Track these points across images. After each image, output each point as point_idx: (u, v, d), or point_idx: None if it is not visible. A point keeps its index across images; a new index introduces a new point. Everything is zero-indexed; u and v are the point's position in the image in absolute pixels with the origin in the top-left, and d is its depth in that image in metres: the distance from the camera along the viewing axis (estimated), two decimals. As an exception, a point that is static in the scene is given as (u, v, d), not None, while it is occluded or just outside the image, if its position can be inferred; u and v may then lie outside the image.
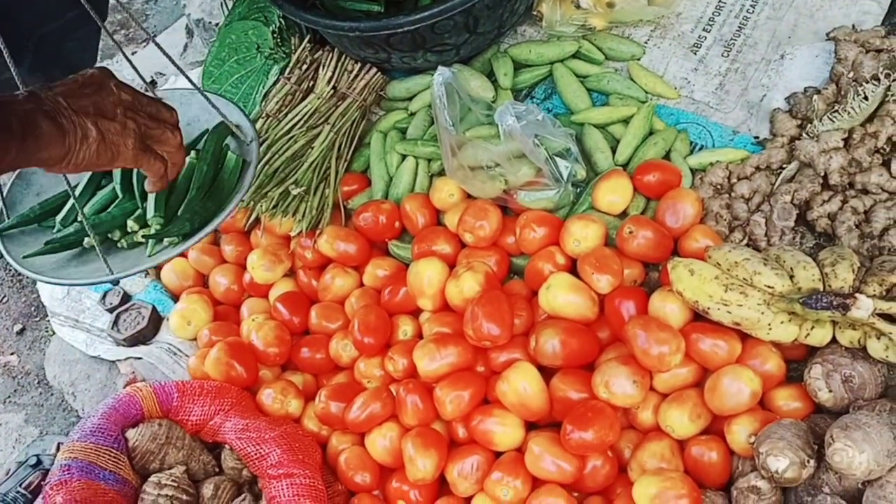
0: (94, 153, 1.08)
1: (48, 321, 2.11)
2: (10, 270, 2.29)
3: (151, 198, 1.35)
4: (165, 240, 1.32)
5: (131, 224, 1.36)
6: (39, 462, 1.82)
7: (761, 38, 1.82)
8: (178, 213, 1.35)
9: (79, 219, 1.33)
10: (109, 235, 1.38)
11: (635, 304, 1.47)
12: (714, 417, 1.40)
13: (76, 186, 1.41)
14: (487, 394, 1.52)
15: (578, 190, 1.67)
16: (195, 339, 1.79)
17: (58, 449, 1.79)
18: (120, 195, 1.43)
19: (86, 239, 1.34)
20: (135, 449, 1.51)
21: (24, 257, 1.32)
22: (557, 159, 1.58)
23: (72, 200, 1.36)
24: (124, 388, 1.66)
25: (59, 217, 1.40)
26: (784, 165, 1.62)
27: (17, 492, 1.71)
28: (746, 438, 1.32)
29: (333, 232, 1.76)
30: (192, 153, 1.43)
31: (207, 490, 1.51)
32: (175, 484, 1.47)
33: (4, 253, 1.35)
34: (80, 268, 1.33)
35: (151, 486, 1.47)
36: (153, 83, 2.67)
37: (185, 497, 1.47)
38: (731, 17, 1.87)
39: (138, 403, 1.55)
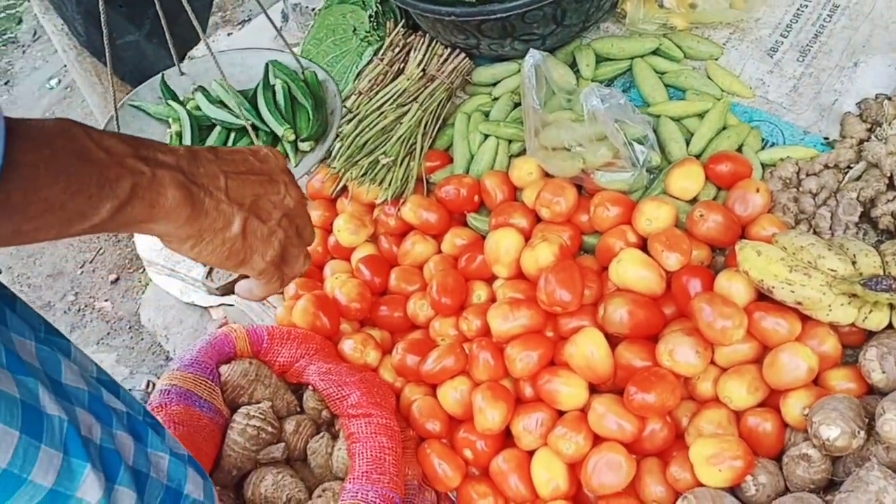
0: (225, 251, 0.85)
1: (141, 273, 2.26)
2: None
3: (269, 116, 1.50)
4: (302, 144, 1.47)
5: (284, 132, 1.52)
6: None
7: (836, 46, 1.90)
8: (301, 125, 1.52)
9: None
10: None
11: (702, 282, 1.56)
12: (770, 392, 1.48)
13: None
14: (554, 357, 1.62)
15: (652, 175, 1.76)
16: (282, 292, 1.93)
17: (147, 386, 1.94)
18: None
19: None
20: (227, 383, 1.64)
21: None
22: (635, 144, 1.68)
23: None
24: (218, 329, 1.80)
25: None
26: (851, 165, 1.70)
27: None
28: (801, 411, 1.40)
29: (417, 201, 1.88)
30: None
31: (289, 426, 1.63)
32: (262, 416, 1.60)
33: None
34: None
35: (241, 416, 1.59)
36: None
37: (269, 429, 1.60)
38: (808, 24, 1.95)
39: (232, 342, 1.68)
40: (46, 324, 1.05)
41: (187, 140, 1.61)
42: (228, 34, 3.01)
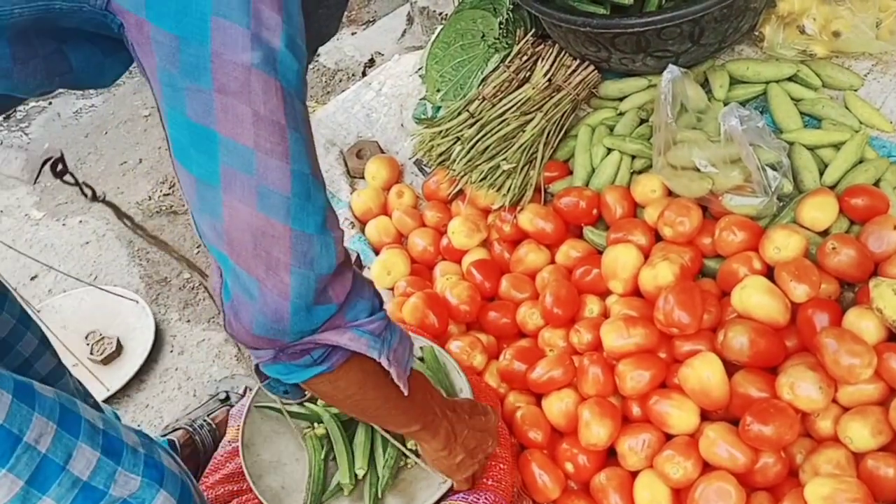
0: (444, 466, 1.40)
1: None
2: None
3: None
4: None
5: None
6: (227, 398, 1.99)
7: None
8: None
9: None
10: None
11: (829, 317, 1.51)
12: (894, 437, 1.41)
13: None
14: (667, 380, 1.59)
15: (781, 203, 1.71)
16: (392, 289, 1.95)
17: (244, 393, 1.98)
18: None
19: None
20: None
21: None
22: (768, 169, 1.64)
23: None
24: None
25: None
26: None
27: (205, 420, 1.88)
28: (929, 460, 1.34)
29: (534, 209, 1.88)
30: None
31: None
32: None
33: None
34: None
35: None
36: (371, 62, 2.88)
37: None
38: (960, 61, 1.87)
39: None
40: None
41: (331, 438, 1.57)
42: (353, 34, 3.08)
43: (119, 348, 2.20)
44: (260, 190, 0.88)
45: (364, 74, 2.75)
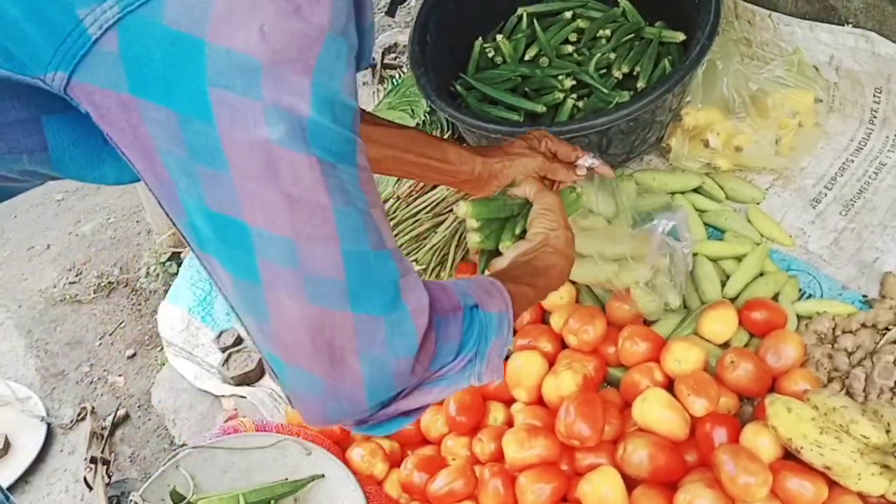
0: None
1: (159, 351, 2.24)
2: (131, 298, 2.46)
3: None
4: None
5: None
6: None
7: (881, 204, 1.88)
8: None
9: None
10: None
11: (727, 432, 1.51)
12: (792, 558, 1.40)
13: None
14: (567, 493, 1.56)
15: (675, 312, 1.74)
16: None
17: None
18: None
19: None
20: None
21: None
22: (665, 279, 1.66)
23: None
24: (225, 421, 1.76)
25: None
26: (890, 327, 1.66)
27: None
28: (822, 585, 1.33)
29: (443, 313, 1.86)
30: None
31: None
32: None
33: None
34: None
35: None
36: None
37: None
38: (854, 179, 1.94)
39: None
40: None
41: None
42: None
43: (6, 446, 2.08)
44: (308, 280, 0.75)
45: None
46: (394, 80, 2.43)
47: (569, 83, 2.05)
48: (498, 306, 0.98)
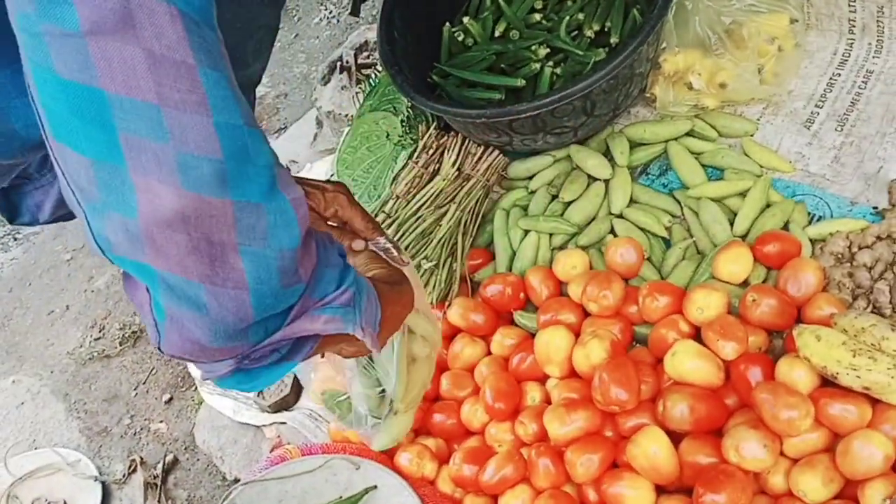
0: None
1: (193, 390, 2.27)
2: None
3: None
4: None
5: None
6: None
7: (875, 113, 1.87)
8: None
9: None
10: None
11: (762, 371, 1.51)
12: (847, 482, 1.40)
13: None
14: (616, 458, 1.57)
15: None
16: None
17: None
18: None
19: None
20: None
21: None
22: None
23: None
24: (271, 451, 1.79)
25: None
26: (905, 234, 1.65)
27: None
28: (881, 502, 1.33)
29: (463, 303, 1.87)
30: None
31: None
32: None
33: None
34: None
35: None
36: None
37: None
38: (843, 93, 1.92)
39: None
40: None
41: None
42: (266, 143, 3.08)
43: (67, 511, 2.12)
44: (181, 159, 0.66)
45: (281, 184, 2.74)
46: (370, 80, 2.42)
47: (543, 52, 2.04)
48: (367, 286, 0.94)
